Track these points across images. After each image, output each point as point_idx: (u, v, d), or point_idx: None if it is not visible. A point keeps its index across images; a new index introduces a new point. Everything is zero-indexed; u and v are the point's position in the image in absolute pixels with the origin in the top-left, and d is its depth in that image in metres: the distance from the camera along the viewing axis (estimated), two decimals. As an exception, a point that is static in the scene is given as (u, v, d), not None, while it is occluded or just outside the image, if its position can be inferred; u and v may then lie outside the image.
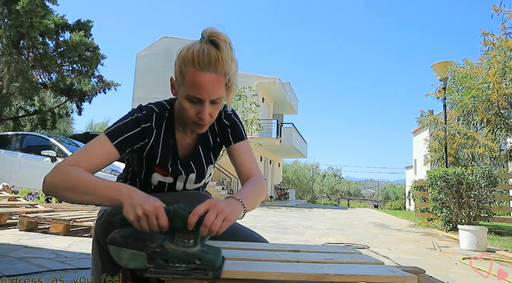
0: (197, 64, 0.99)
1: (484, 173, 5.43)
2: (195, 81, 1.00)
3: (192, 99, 1.03)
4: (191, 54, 0.99)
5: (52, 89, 13.96)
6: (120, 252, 0.86)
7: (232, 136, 1.23)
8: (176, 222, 0.84)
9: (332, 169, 47.26)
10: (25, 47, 12.09)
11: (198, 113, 1.04)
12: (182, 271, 0.85)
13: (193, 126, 1.10)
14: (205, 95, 1.01)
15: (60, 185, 0.94)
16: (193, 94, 1.01)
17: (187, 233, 0.84)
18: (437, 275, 2.33)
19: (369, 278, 0.94)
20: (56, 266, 1.97)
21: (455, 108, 6.71)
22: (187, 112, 1.05)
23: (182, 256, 0.84)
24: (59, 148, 6.96)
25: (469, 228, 3.93)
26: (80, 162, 0.98)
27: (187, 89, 1.02)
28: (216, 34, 1.00)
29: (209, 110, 1.04)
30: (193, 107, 1.04)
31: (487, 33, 6.28)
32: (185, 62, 1.01)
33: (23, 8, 10.41)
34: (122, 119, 1.10)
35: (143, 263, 0.85)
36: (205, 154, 1.24)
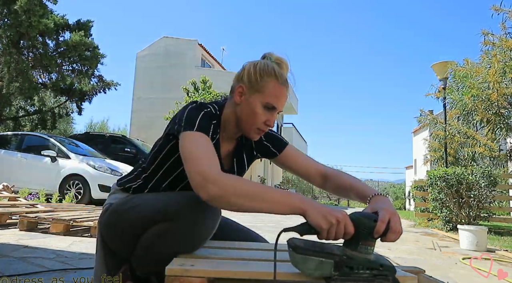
0: (279, 78, 1.11)
1: (484, 173, 5.43)
2: (276, 92, 1.10)
3: (268, 107, 1.11)
4: (272, 69, 1.10)
5: (52, 89, 13.96)
6: (307, 261, 0.85)
7: (276, 148, 1.29)
8: (361, 230, 0.87)
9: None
10: (25, 47, 12.09)
11: (267, 120, 1.13)
12: (366, 277, 0.86)
13: (254, 132, 1.16)
14: (280, 105, 1.13)
15: (228, 193, 0.91)
16: (272, 102, 1.10)
17: (371, 240, 0.88)
18: (437, 275, 2.34)
19: (370, 278, 0.94)
20: (56, 266, 1.97)
21: (455, 107, 6.71)
22: (258, 117, 1.11)
23: (366, 262, 0.87)
24: (59, 148, 6.96)
25: (469, 228, 3.93)
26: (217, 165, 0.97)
27: (266, 97, 1.10)
28: (282, 60, 1.16)
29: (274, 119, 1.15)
30: (265, 114, 1.12)
31: (487, 33, 6.28)
32: (267, 73, 1.10)
33: (22, 7, 10.40)
34: (195, 112, 1.09)
35: (329, 271, 0.85)
36: (238, 166, 1.28)
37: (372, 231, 0.87)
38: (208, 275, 0.88)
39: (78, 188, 6.45)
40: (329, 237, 0.88)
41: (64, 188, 6.45)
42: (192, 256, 1.05)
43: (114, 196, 1.30)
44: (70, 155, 6.84)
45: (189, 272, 0.88)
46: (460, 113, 6.71)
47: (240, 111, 1.15)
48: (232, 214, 1.73)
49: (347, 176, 1.22)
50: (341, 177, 1.21)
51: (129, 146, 9.50)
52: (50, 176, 6.62)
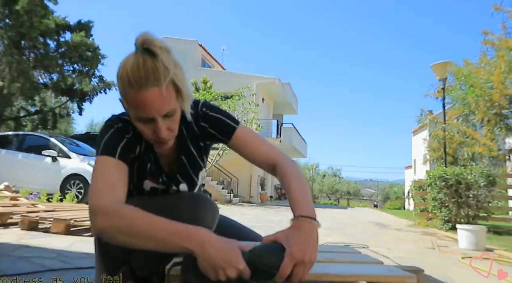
0: (135, 83, 0.87)
1: (483, 173, 5.44)
2: (139, 102, 0.89)
3: (143, 120, 0.93)
4: (126, 73, 0.88)
5: (53, 90, 13.97)
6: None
7: (222, 134, 1.12)
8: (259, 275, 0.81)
9: (332, 169, 47.25)
10: (26, 47, 12.10)
11: (154, 132, 0.95)
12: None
13: (157, 144, 1.02)
14: (154, 113, 0.91)
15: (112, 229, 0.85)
16: (142, 115, 0.92)
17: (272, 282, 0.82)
18: (436, 274, 2.35)
19: (369, 278, 0.95)
20: (57, 266, 1.98)
21: (457, 106, 6.71)
22: (144, 133, 0.97)
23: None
24: (60, 147, 6.97)
25: (468, 227, 3.94)
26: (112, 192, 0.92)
27: (134, 111, 0.92)
28: (149, 41, 0.89)
29: (166, 126, 0.95)
30: (147, 127, 0.95)
31: (487, 33, 6.29)
32: (123, 83, 0.90)
33: (23, 8, 10.43)
34: (104, 133, 1.03)
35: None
36: (190, 163, 1.17)
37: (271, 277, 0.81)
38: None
39: (79, 187, 6.46)
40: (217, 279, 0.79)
41: (65, 187, 6.47)
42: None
43: None
44: (71, 155, 6.85)
45: None
46: (461, 113, 6.71)
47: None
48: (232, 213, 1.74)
49: (293, 175, 1.04)
50: (286, 174, 1.05)
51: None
52: (51, 175, 6.63)
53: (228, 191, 14.42)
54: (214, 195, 12.69)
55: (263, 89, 17.53)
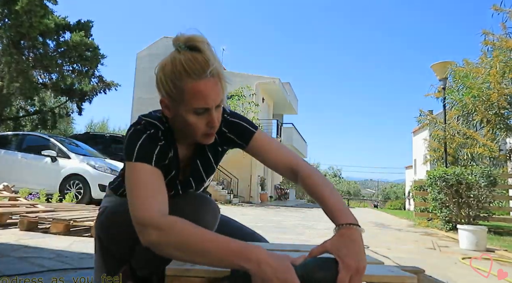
0: (193, 74, 0.90)
1: (483, 173, 5.44)
2: (198, 92, 0.91)
3: (199, 111, 0.94)
4: (181, 66, 0.90)
5: (53, 90, 13.97)
6: None
7: (241, 138, 1.12)
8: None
9: (333, 169, 47.29)
10: (26, 47, 12.10)
11: (208, 122, 0.97)
12: None
13: (203, 138, 1.01)
14: (211, 102, 0.93)
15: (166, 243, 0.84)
16: (199, 105, 0.93)
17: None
18: (436, 274, 2.34)
19: (369, 278, 0.94)
20: (57, 266, 1.97)
21: (455, 108, 6.71)
22: (196, 126, 0.97)
23: None
24: (59, 147, 6.96)
25: (468, 227, 3.94)
26: (158, 203, 0.90)
27: (190, 103, 0.93)
28: (192, 39, 0.92)
29: (216, 116, 0.97)
30: (201, 119, 0.96)
31: (488, 33, 6.28)
32: (177, 76, 0.91)
33: (22, 8, 10.42)
34: (135, 138, 0.99)
35: None
36: (205, 167, 1.17)
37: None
38: (208, 275, 0.87)
39: (78, 187, 6.45)
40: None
41: (64, 187, 6.46)
42: None
43: (109, 198, 1.30)
44: (70, 155, 6.85)
45: (189, 271, 0.87)
46: (460, 113, 6.71)
47: (177, 125, 1.03)
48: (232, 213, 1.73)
49: (321, 181, 1.01)
50: (312, 180, 1.02)
51: (129, 146, 9.50)
52: (50, 175, 6.63)
53: (228, 191, 14.42)
54: (214, 195, 12.69)
55: (263, 89, 17.53)
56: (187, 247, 0.83)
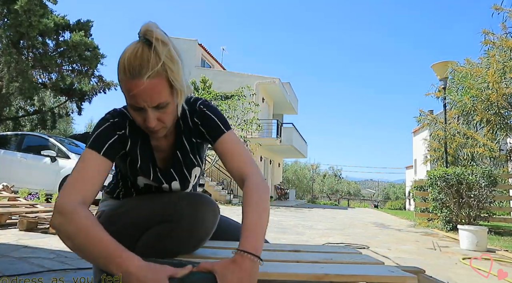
0: (128, 72, 0.89)
1: (484, 173, 5.43)
2: (130, 90, 0.90)
3: (134, 108, 0.95)
4: (123, 61, 0.90)
5: (52, 89, 13.95)
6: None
7: (210, 135, 1.10)
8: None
9: (333, 169, 47.23)
10: (25, 47, 12.08)
11: (144, 121, 0.96)
12: None
13: (149, 133, 1.04)
14: (143, 103, 0.92)
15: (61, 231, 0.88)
16: (132, 103, 0.94)
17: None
18: (437, 275, 2.33)
19: (369, 278, 0.94)
20: (56, 266, 1.97)
21: (454, 108, 6.71)
22: (136, 121, 0.99)
23: None
24: (59, 147, 6.95)
25: (469, 228, 3.93)
26: (81, 190, 0.93)
27: (127, 98, 0.94)
28: (149, 32, 0.89)
29: (156, 116, 0.95)
30: (139, 115, 0.96)
31: (488, 32, 6.28)
32: (120, 70, 0.92)
33: (22, 7, 10.40)
34: (98, 126, 1.03)
35: None
36: (185, 159, 1.16)
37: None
38: None
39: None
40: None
41: (64, 188, 6.45)
42: (192, 256, 1.05)
43: (105, 202, 1.29)
44: (70, 155, 6.84)
45: None
46: (459, 113, 6.71)
47: None
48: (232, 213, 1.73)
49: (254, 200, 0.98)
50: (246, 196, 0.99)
51: (129, 146, 9.51)
52: (50, 176, 6.62)
53: (228, 191, 14.41)
54: (213, 195, 12.68)
55: (263, 89, 17.53)
56: (75, 240, 0.85)
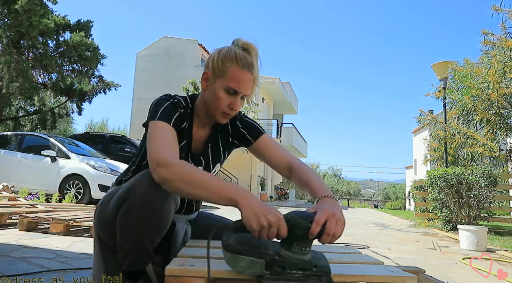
0: (240, 63, 1.13)
1: (484, 173, 5.43)
2: (237, 76, 1.13)
3: (230, 91, 1.15)
4: (234, 54, 1.14)
5: (52, 89, 13.94)
6: (237, 259, 0.86)
7: (251, 135, 1.30)
8: (296, 231, 0.86)
9: (332, 169, 47.21)
10: (25, 47, 12.07)
11: (231, 104, 1.17)
12: (298, 277, 0.86)
13: (220, 116, 1.20)
14: (242, 89, 1.15)
15: (174, 178, 0.97)
16: (233, 86, 1.14)
17: (306, 241, 0.87)
18: (437, 275, 2.33)
19: (369, 278, 0.94)
20: (56, 266, 1.97)
21: (455, 107, 6.70)
22: (221, 102, 1.16)
23: (299, 263, 0.86)
24: (59, 147, 6.95)
25: (469, 228, 3.93)
26: (172, 151, 1.05)
27: (228, 81, 1.14)
28: (248, 44, 1.17)
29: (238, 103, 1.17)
30: (228, 98, 1.16)
31: (487, 33, 6.27)
32: (228, 59, 1.13)
33: (22, 7, 10.39)
34: (160, 104, 1.17)
35: (260, 270, 0.86)
36: (213, 151, 1.32)
37: (306, 232, 0.86)
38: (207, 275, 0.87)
39: (78, 188, 6.44)
40: (260, 237, 0.87)
41: (64, 188, 6.44)
42: (192, 256, 1.05)
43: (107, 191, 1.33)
44: (70, 155, 6.83)
45: (189, 272, 0.88)
46: (460, 113, 6.70)
47: (206, 96, 1.21)
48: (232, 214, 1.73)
49: (309, 171, 1.20)
50: (303, 171, 1.20)
51: (129, 146, 9.51)
52: (50, 176, 6.61)
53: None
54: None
55: (263, 89, 17.52)
56: (192, 181, 0.96)
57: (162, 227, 1.10)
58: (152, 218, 1.06)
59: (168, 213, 1.09)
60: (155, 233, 1.09)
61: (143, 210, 1.05)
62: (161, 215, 1.07)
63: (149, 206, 1.04)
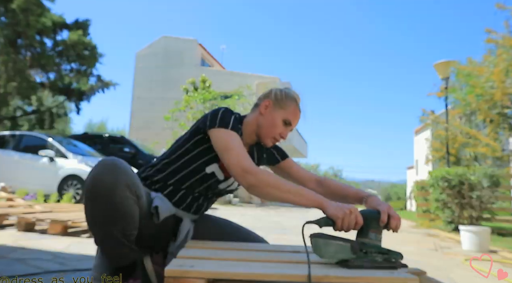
0: (298, 103, 1.42)
1: (486, 173, 5.40)
2: (296, 113, 1.40)
3: (286, 122, 1.38)
4: (295, 94, 1.42)
5: (50, 89, 13.94)
6: (328, 245, 1.01)
7: (280, 155, 1.53)
8: (369, 220, 1.07)
9: (333, 169, 47.22)
10: (23, 46, 12.06)
11: (282, 132, 1.39)
12: (378, 261, 1.02)
13: (270, 140, 1.39)
14: (295, 123, 1.41)
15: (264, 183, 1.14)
16: (290, 119, 1.38)
17: (378, 228, 1.07)
18: (438, 276, 2.31)
19: (370, 279, 0.93)
20: (54, 267, 1.95)
21: (458, 107, 6.67)
22: (276, 129, 1.37)
23: (377, 248, 1.04)
24: (57, 148, 6.92)
25: (471, 228, 3.90)
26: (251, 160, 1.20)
27: (287, 115, 1.38)
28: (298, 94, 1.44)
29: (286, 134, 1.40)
30: (283, 128, 1.38)
31: (491, 31, 6.23)
32: (291, 98, 1.40)
33: (19, 6, 10.38)
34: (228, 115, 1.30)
35: (348, 254, 0.98)
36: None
37: (378, 220, 1.07)
38: (207, 276, 0.87)
39: (77, 188, 6.41)
40: (343, 225, 1.04)
41: (62, 188, 6.42)
42: (192, 257, 1.06)
43: None
44: (68, 155, 6.81)
45: (188, 273, 0.88)
46: (463, 113, 6.68)
47: (263, 121, 1.39)
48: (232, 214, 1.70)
49: (337, 181, 1.46)
50: (335, 182, 1.44)
51: (128, 146, 9.48)
52: (48, 176, 6.58)
53: (233, 196, 14.40)
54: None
55: (263, 89, 17.46)
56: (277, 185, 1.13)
57: (121, 214, 1.11)
58: (106, 206, 1.10)
59: (122, 199, 1.11)
60: (115, 221, 1.11)
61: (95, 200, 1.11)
62: (114, 201, 1.09)
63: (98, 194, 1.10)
